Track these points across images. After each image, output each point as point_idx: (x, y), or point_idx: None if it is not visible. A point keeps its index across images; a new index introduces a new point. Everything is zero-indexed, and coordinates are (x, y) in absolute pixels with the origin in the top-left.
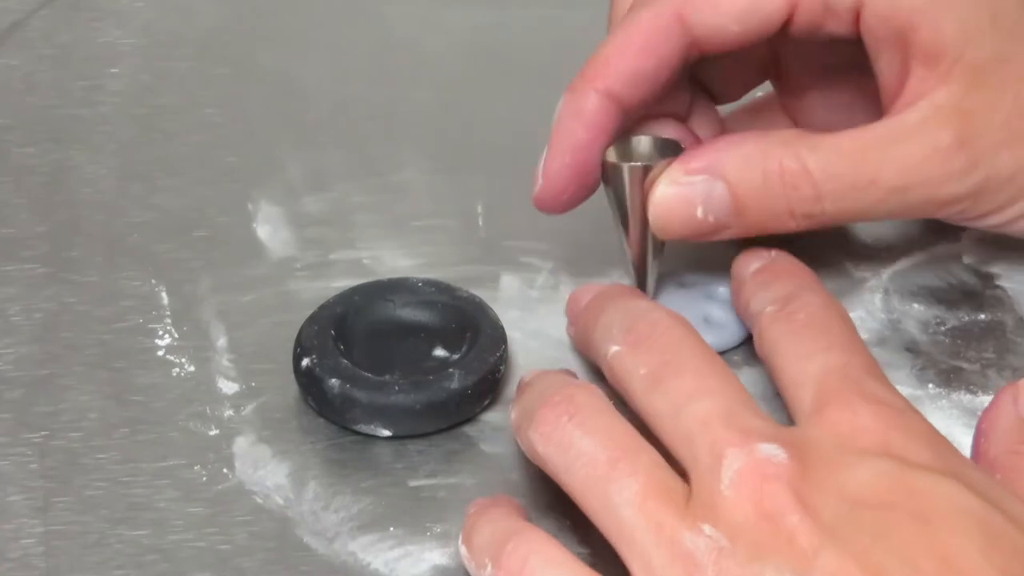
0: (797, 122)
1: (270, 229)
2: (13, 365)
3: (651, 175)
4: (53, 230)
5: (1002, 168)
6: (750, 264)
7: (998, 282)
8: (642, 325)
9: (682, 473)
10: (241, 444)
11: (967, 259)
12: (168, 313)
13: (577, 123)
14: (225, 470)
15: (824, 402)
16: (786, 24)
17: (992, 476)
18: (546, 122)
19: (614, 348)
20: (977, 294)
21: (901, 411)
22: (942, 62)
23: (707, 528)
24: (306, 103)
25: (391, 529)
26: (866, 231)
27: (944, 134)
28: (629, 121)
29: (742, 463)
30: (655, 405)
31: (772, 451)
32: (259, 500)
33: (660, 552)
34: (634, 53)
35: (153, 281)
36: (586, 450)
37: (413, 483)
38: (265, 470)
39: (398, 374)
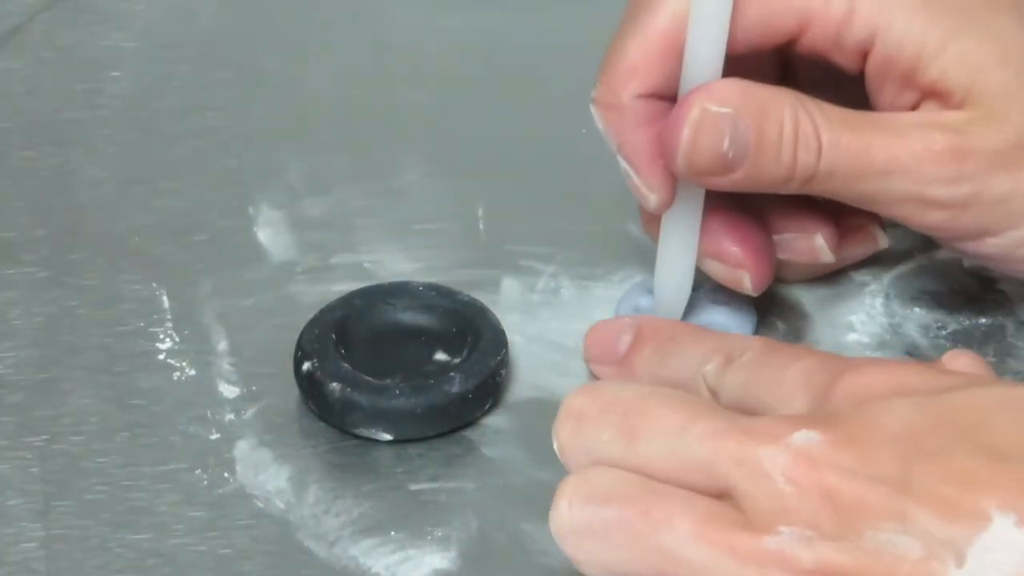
0: None
1: (271, 232)
2: (14, 369)
3: None
4: (54, 233)
5: (995, 188)
6: (618, 338)
7: (999, 286)
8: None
9: None
10: (242, 448)
11: (968, 263)
12: (169, 317)
13: (639, 130)
14: (226, 474)
15: (824, 386)
16: (792, 41)
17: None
18: (546, 123)
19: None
20: (978, 298)
21: (897, 364)
22: (950, 99)
23: (784, 529)
24: (307, 107)
25: (392, 533)
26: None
27: (939, 139)
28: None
29: (785, 457)
30: (645, 456)
31: (806, 436)
32: (260, 504)
33: (748, 570)
34: (655, 58)
35: (154, 284)
36: (612, 518)
37: (414, 487)
38: (266, 474)
39: (399, 378)
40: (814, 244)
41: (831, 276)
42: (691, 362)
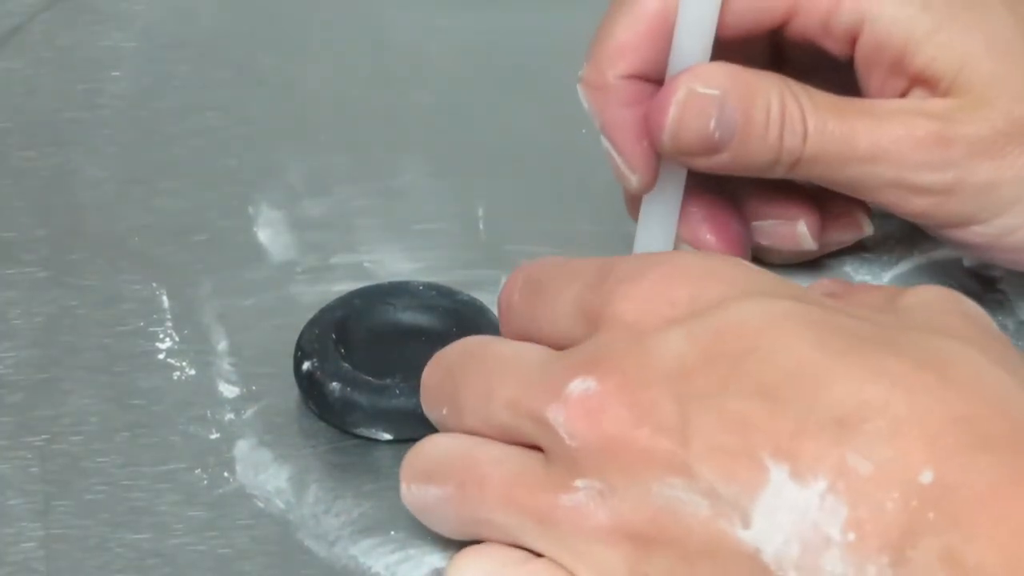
0: None
1: (271, 232)
2: (13, 369)
3: None
4: (54, 233)
5: (979, 175)
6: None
7: (999, 286)
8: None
9: None
10: (242, 448)
11: (967, 263)
12: (169, 316)
13: (625, 110)
14: (226, 474)
15: (595, 313)
16: (781, 27)
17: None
18: (546, 123)
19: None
20: (978, 298)
21: (663, 273)
22: (937, 87)
23: (579, 482)
24: (307, 106)
25: (392, 533)
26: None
27: (924, 125)
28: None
29: (565, 413)
30: (470, 426)
31: (581, 386)
32: (260, 504)
33: (553, 531)
34: (644, 39)
35: (154, 284)
36: (436, 496)
37: None
38: (266, 474)
39: (399, 378)
40: (796, 231)
41: (830, 276)
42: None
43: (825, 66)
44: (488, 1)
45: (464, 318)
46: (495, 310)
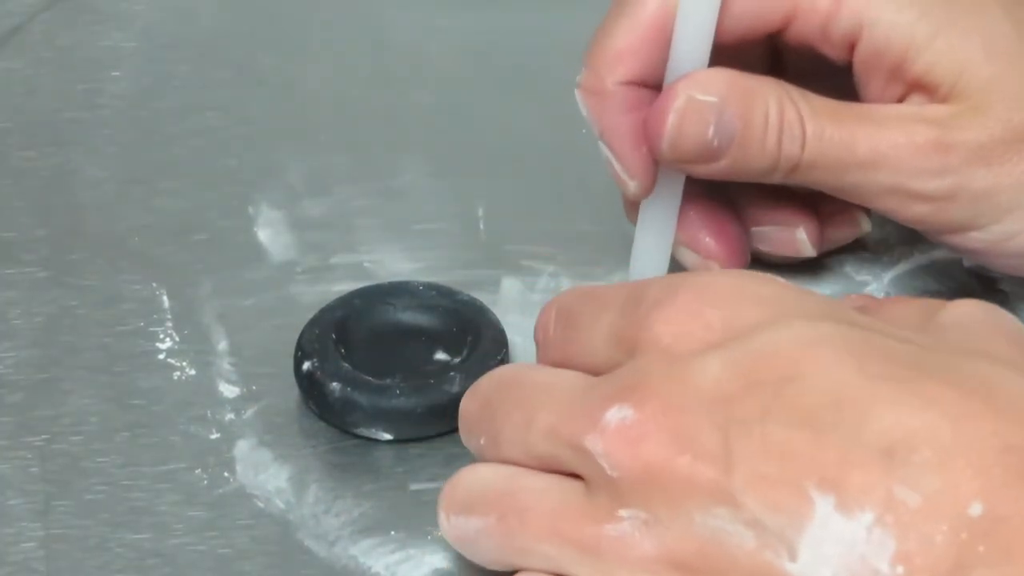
0: None
1: (271, 232)
2: (13, 369)
3: None
4: (54, 233)
5: (977, 181)
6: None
7: (999, 286)
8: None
9: None
10: (242, 448)
11: (967, 263)
12: (169, 316)
13: (623, 116)
14: (226, 474)
15: (631, 339)
16: (780, 31)
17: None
18: (546, 123)
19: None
20: (978, 298)
21: (691, 291)
22: (936, 92)
23: (624, 512)
24: (307, 106)
25: (392, 533)
26: (867, 235)
27: (923, 132)
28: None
29: (603, 443)
30: (509, 456)
31: (619, 414)
32: (260, 504)
33: (598, 562)
34: (642, 45)
35: (154, 284)
36: (476, 528)
37: (414, 487)
38: (266, 474)
39: (399, 378)
40: (795, 237)
41: (831, 276)
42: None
43: (823, 71)
44: (488, 1)
45: (464, 318)
46: (495, 310)
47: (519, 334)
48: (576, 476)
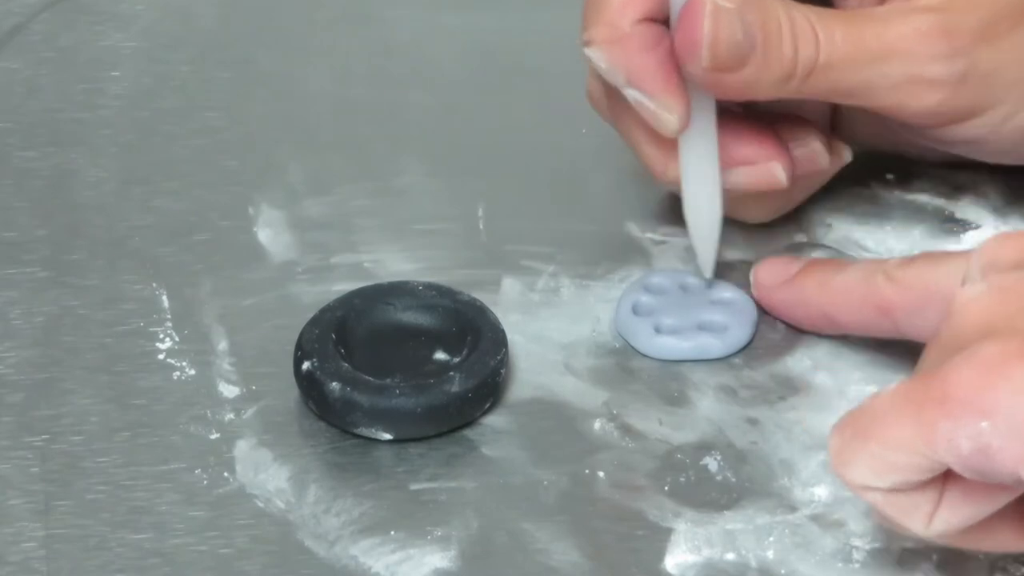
0: None
1: (271, 233)
2: (14, 369)
3: None
4: (54, 233)
5: (983, 62)
6: (788, 265)
7: None
8: None
9: None
10: (242, 448)
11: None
12: (169, 317)
13: (648, 54)
14: (226, 474)
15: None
16: None
17: None
18: (546, 123)
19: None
20: None
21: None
22: None
23: None
24: (307, 107)
25: (392, 533)
26: (868, 234)
27: (925, 19)
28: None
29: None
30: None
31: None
32: (260, 504)
33: None
34: None
35: (154, 284)
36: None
37: (414, 487)
38: (266, 474)
39: (399, 378)
40: (771, 169)
41: None
42: (862, 268)
43: None
44: (489, 1)
45: (464, 318)
46: (495, 310)
47: (519, 334)
48: None
